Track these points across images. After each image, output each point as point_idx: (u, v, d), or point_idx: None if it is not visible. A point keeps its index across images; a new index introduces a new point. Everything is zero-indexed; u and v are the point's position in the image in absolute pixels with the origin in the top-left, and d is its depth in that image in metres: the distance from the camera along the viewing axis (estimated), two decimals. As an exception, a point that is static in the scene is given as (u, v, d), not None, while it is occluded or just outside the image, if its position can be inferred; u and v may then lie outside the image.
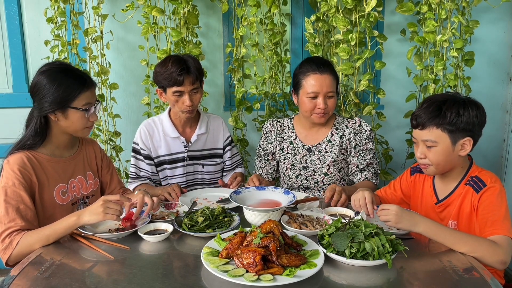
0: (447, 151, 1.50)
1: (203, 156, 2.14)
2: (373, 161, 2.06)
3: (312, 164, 2.08)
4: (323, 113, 1.94)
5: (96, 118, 1.63)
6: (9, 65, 2.77)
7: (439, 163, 1.53)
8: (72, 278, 1.19)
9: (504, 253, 1.35)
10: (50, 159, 1.60)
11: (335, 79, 1.94)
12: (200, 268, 1.23)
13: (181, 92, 1.92)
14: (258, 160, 2.20)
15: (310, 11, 2.67)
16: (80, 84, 1.55)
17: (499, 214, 1.44)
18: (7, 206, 1.44)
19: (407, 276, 1.24)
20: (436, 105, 1.49)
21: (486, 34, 2.78)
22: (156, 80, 1.96)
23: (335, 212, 1.66)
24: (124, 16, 2.53)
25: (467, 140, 1.49)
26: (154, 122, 2.09)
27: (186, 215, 1.56)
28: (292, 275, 1.13)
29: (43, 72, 1.55)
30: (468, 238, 1.39)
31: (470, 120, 1.46)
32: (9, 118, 2.78)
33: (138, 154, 2.07)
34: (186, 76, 1.89)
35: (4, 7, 2.70)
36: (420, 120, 1.51)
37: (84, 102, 1.56)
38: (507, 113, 2.94)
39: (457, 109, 1.46)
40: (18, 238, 1.39)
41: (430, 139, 1.50)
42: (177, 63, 1.89)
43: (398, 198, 1.82)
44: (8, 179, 1.47)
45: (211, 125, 2.17)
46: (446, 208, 1.62)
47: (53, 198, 1.60)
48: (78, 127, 1.59)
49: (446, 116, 1.46)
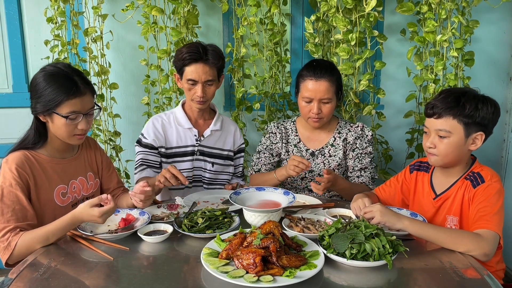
0: (459, 143, 1.51)
1: (213, 154, 2.13)
2: (369, 166, 2.06)
3: (317, 168, 2.08)
4: (317, 119, 1.96)
5: (86, 127, 1.56)
6: (9, 65, 2.77)
7: (448, 154, 1.54)
8: (71, 279, 1.19)
9: (488, 246, 1.37)
10: (50, 160, 1.60)
11: (333, 85, 1.93)
12: (200, 269, 1.23)
13: (195, 82, 1.93)
14: (257, 157, 2.19)
15: (310, 11, 2.67)
16: (67, 90, 1.48)
17: (490, 210, 1.45)
18: (3, 206, 1.44)
19: (408, 277, 1.24)
20: (455, 96, 1.51)
21: (486, 34, 2.78)
22: (174, 62, 1.99)
23: (336, 213, 1.66)
24: (124, 16, 2.53)
25: (479, 134, 1.51)
26: (165, 114, 2.11)
27: (186, 216, 1.56)
28: (292, 276, 1.13)
29: (41, 71, 1.53)
30: (451, 232, 1.42)
31: (487, 115, 1.48)
32: (9, 118, 2.78)
33: (143, 146, 2.04)
34: (202, 64, 1.91)
35: (4, 7, 2.69)
36: (437, 109, 1.52)
37: (69, 110, 1.49)
38: (507, 113, 2.94)
39: (476, 102, 1.48)
40: (17, 239, 1.39)
41: (445, 129, 1.51)
42: (195, 47, 1.91)
43: (396, 196, 1.82)
44: (6, 178, 1.47)
45: (225, 125, 2.17)
46: (444, 202, 1.63)
47: (53, 199, 1.59)
48: (63, 134, 1.54)
49: (465, 107, 1.48)
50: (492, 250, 1.38)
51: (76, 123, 1.53)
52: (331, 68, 1.96)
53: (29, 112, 1.56)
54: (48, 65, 1.56)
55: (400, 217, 1.42)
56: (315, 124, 2.00)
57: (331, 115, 1.99)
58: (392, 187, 1.83)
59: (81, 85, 1.51)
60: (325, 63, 2.01)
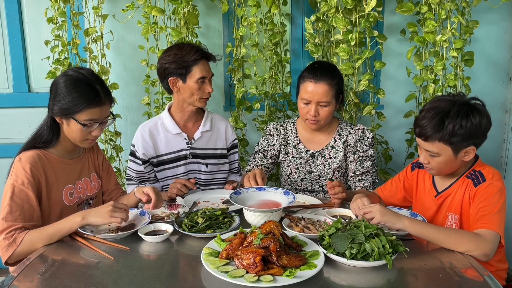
0: (449, 159, 1.52)
1: (206, 155, 2.10)
2: (371, 170, 2.05)
3: (317, 170, 2.08)
4: (314, 121, 1.96)
5: (99, 134, 1.60)
6: (9, 65, 2.77)
7: (442, 169, 1.57)
8: (72, 279, 1.19)
9: (488, 246, 1.37)
10: (60, 160, 1.61)
11: (332, 88, 1.91)
12: (200, 269, 1.23)
13: (205, 79, 1.93)
14: (252, 157, 2.19)
15: (310, 11, 2.67)
16: (89, 99, 1.51)
17: (491, 210, 1.45)
18: (12, 204, 1.45)
19: (408, 277, 1.24)
20: (440, 117, 1.48)
21: (486, 34, 2.78)
22: (171, 67, 1.90)
23: (336, 213, 1.66)
24: (124, 16, 2.53)
25: (470, 149, 1.50)
26: (153, 121, 2.06)
27: (186, 216, 1.56)
28: (292, 276, 1.13)
29: (64, 75, 1.56)
30: (451, 232, 1.42)
31: (473, 130, 1.46)
32: (9, 118, 2.78)
33: (135, 158, 2.03)
34: (207, 61, 1.95)
35: (4, 7, 2.69)
36: (423, 131, 1.51)
37: (87, 118, 1.53)
38: (507, 113, 2.94)
39: (460, 122, 1.45)
40: (22, 236, 1.40)
41: (433, 151, 1.52)
42: (195, 46, 1.94)
43: (398, 194, 1.82)
44: (18, 177, 1.48)
45: (215, 124, 2.14)
46: (445, 199, 1.63)
47: (61, 199, 1.61)
48: (77, 138, 1.58)
49: (449, 129, 1.46)
50: (492, 250, 1.38)
51: (91, 130, 1.57)
52: (332, 71, 1.95)
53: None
54: (72, 70, 1.58)
55: (400, 217, 1.42)
56: (312, 127, 2.00)
57: (329, 118, 1.98)
58: (394, 185, 1.83)
59: (102, 95, 1.55)
60: (326, 65, 2.01)
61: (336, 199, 1.74)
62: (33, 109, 2.74)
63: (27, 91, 2.78)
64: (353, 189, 2.07)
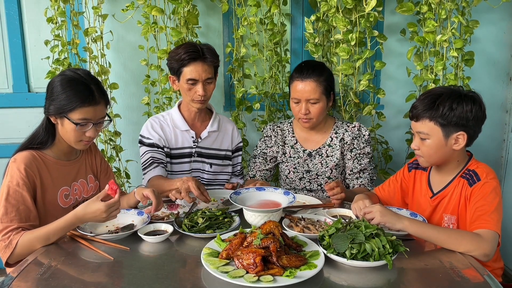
0: (439, 144, 1.52)
1: (211, 155, 2.12)
2: (369, 167, 2.06)
3: (314, 168, 2.08)
4: (306, 119, 1.97)
5: (94, 135, 1.57)
6: (9, 65, 2.77)
7: (431, 155, 1.56)
8: (71, 279, 1.19)
9: (488, 246, 1.37)
10: (56, 161, 1.61)
11: (320, 85, 1.93)
12: (200, 269, 1.23)
13: (195, 81, 1.92)
14: (253, 162, 2.19)
15: (310, 11, 2.67)
16: (82, 97, 1.50)
17: (488, 209, 1.45)
18: (8, 206, 1.44)
19: (408, 277, 1.24)
20: (432, 98, 1.52)
21: (486, 34, 2.78)
22: (170, 64, 1.95)
23: (336, 213, 1.66)
24: (124, 16, 2.53)
25: (461, 134, 1.50)
26: (163, 116, 2.09)
27: (186, 216, 1.56)
28: (292, 276, 1.13)
29: (60, 75, 1.56)
30: (451, 233, 1.42)
31: (464, 115, 1.48)
32: (9, 118, 2.78)
33: (144, 144, 2.01)
34: (201, 62, 1.90)
35: (4, 7, 2.69)
36: (415, 112, 1.54)
37: (80, 117, 1.51)
38: (507, 113, 2.94)
39: (450, 103, 1.48)
40: (18, 237, 1.39)
41: (423, 131, 1.53)
42: (193, 47, 1.91)
43: (396, 195, 1.82)
44: (13, 178, 1.47)
45: (223, 125, 2.16)
46: (440, 201, 1.63)
47: (56, 200, 1.60)
48: (71, 138, 1.56)
49: (439, 109, 1.48)
50: (492, 250, 1.38)
51: (85, 130, 1.55)
52: (320, 69, 1.97)
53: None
54: (68, 70, 1.58)
55: (400, 217, 1.42)
56: (305, 125, 2.02)
57: (321, 115, 1.99)
58: (392, 186, 1.83)
59: (96, 94, 1.54)
60: (313, 63, 2.03)
61: (335, 200, 1.74)
62: (32, 109, 2.74)
63: (27, 91, 2.78)
64: (351, 187, 2.08)
